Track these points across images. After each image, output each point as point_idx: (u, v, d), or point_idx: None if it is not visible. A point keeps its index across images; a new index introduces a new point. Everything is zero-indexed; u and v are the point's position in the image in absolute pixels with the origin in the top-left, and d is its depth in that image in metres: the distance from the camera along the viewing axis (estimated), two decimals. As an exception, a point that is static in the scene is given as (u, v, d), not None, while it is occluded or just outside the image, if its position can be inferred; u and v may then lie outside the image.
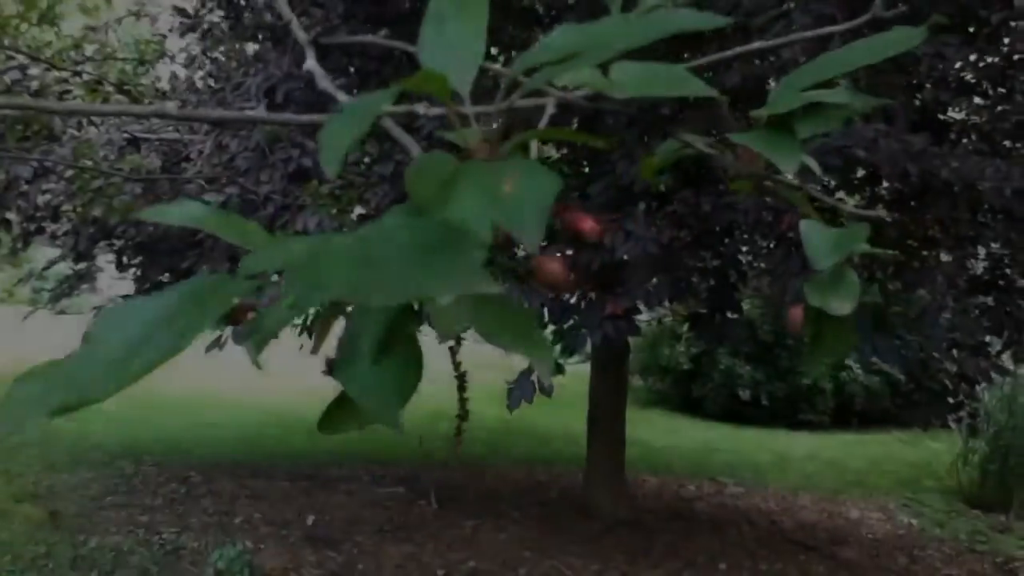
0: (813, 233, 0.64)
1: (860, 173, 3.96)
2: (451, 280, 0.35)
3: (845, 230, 0.66)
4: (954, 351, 4.18)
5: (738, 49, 0.71)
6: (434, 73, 0.50)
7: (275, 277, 0.47)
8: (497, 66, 0.60)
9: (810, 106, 0.66)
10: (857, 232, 0.64)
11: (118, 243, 5.05)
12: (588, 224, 0.58)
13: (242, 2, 5.11)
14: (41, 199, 4.06)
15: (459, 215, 0.39)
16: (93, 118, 4.36)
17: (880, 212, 0.84)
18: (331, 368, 0.48)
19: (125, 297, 4.41)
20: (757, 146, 0.63)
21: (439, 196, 0.41)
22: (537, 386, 3.66)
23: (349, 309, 0.51)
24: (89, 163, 2.98)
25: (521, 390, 3.68)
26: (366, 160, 4.43)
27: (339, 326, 0.56)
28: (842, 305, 0.63)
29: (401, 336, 0.46)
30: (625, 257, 3.85)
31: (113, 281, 5.78)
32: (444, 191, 0.41)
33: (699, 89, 0.57)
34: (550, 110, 0.62)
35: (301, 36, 0.90)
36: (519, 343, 0.49)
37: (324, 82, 0.75)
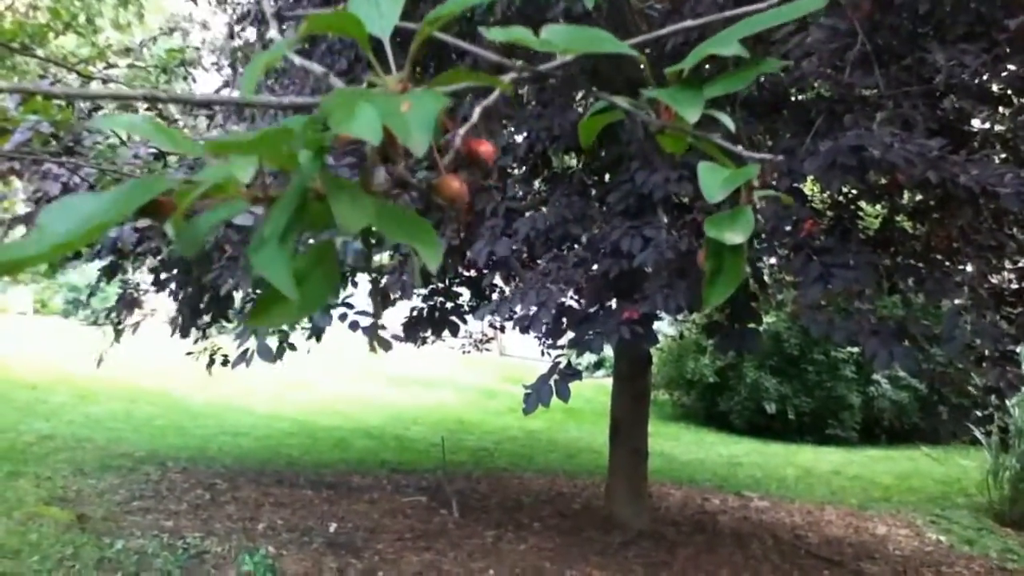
0: (707, 172, 0.70)
1: (880, 181, 3.94)
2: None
3: (736, 169, 0.71)
4: (983, 363, 4.13)
5: (674, 27, 0.74)
6: (346, 13, 0.59)
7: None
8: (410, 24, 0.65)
9: (722, 68, 0.72)
10: (746, 171, 0.70)
11: (152, 259, 5.17)
12: (484, 147, 0.67)
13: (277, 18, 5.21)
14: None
15: (356, 125, 0.49)
16: (121, 134, 4.46)
17: (776, 157, 0.89)
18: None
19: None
20: (666, 100, 0.70)
21: (345, 112, 0.50)
22: (555, 391, 3.67)
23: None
24: (113, 166, 3.06)
25: (538, 394, 3.69)
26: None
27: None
28: (735, 235, 0.69)
29: (300, 226, 0.55)
30: (647, 269, 3.87)
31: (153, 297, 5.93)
32: (350, 108, 0.51)
33: (619, 48, 0.63)
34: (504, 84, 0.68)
35: (267, 9, 0.96)
36: (411, 237, 0.58)
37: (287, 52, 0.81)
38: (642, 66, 0.68)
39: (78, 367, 11.14)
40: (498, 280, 5.34)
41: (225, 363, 6.37)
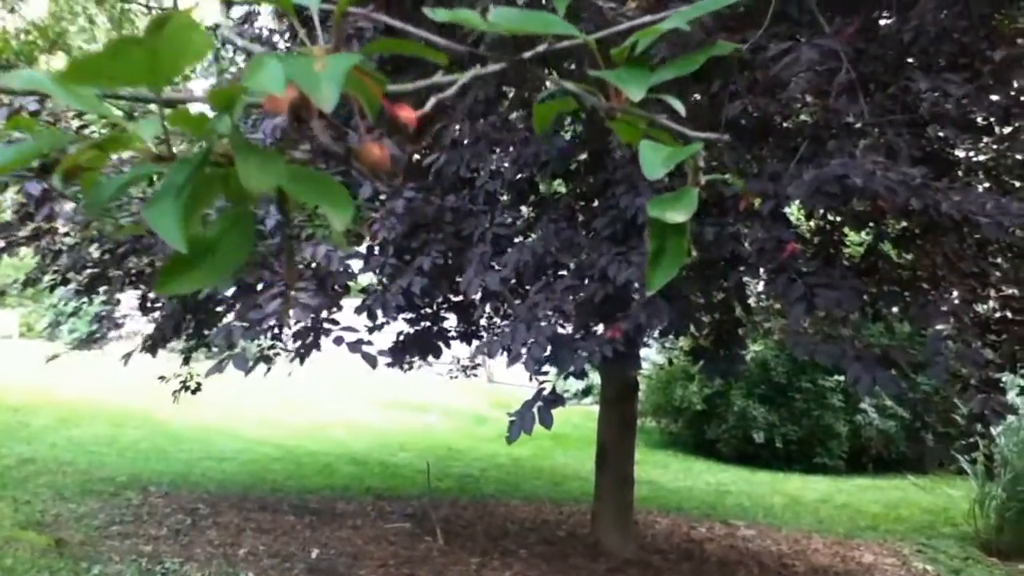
0: (648, 150, 0.70)
1: (862, 208, 3.96)
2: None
3: (678, 147, 0.71)
4: (967, 390, 4.13)
5: (631, 23, 0.74)
6: None
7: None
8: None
9: (675, 53, 0.72)
10: (688, 148, 0.70)
11: (137, 281, 5.17)
12: (405, 112, 0.66)
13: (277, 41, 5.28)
14: (55, 223, 4.17)
15: (260, 78, 0.51)
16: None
17: (722, 137, 0.89)
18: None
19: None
20: (613, 80, 0.70)
21: (254, 69, 0.52)
22: (538, 418, 3.65)
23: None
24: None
25: (521, 421, 3.67)
26: (381, 197, 4.51)
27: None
28: (678, 214, 0.69)
29: (208, 188, 0.56)
30: (634, 296, 3.86)
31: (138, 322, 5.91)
32: (258, 66, 0.52)
33: (565, 29, 0.63)
34: (465, 79, 0.68)
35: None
36: (323, 199, 0.57)
37: (227, 32, 0.82)
38: (594, 52, 0.68)
39: (62, 390, 11.04)
40: (488, 308, 5.33)
41: (196, 391, 6.39)
